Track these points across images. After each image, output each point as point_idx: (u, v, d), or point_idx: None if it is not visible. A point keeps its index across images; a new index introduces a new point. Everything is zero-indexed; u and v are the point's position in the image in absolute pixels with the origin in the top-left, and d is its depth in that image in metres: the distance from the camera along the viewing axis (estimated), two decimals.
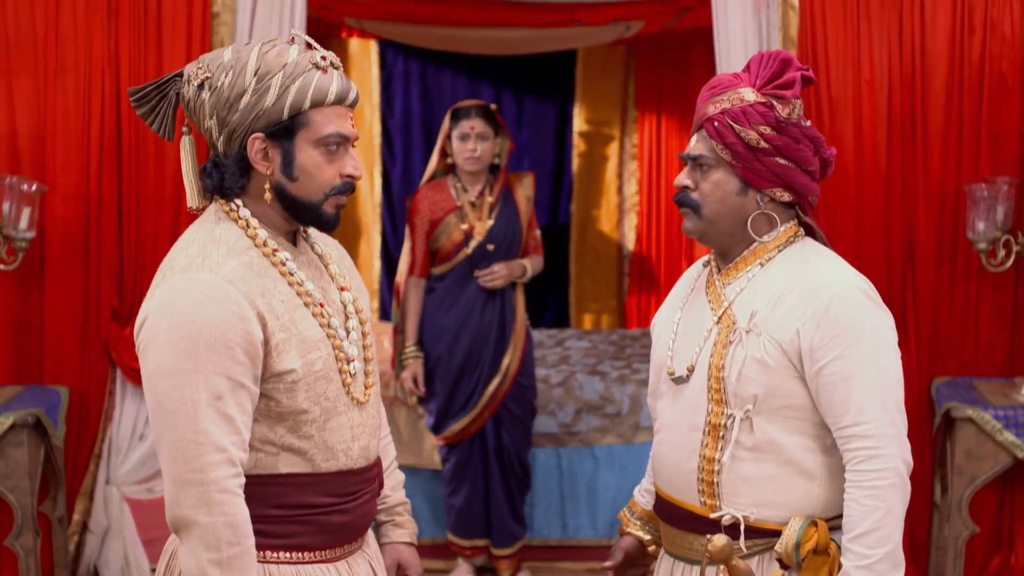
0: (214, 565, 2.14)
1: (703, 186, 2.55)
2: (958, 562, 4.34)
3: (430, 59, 8.07)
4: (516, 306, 5.14)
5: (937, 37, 4.43)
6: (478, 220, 5.04)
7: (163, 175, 4.47)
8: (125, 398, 4.64)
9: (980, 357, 4.58)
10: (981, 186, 4.34)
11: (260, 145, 2.25)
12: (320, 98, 2.24)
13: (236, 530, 2.16)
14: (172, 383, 2.14)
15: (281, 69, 2.22)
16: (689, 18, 6.38)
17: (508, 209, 5.12)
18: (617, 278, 8.27)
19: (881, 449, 2.40)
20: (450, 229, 5.03)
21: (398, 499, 2.68)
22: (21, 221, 4.32)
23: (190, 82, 2.26)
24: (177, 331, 2.14)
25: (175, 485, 2.15)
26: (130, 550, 4.72)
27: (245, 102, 2.22)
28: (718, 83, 2.56)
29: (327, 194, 2.29)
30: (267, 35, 4.36)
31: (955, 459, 4.30)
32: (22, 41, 4.44)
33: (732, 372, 2.48)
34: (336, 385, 2.32)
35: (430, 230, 5.06)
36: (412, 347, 5.09)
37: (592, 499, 5.57)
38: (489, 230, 5.03)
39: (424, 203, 5.07)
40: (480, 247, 5.03)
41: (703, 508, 2.54)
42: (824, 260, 2.54)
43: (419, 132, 8.20)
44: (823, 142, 2.55)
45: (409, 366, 5.08)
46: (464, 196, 5.07)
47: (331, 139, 2.26)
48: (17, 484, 4.22)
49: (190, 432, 2.13)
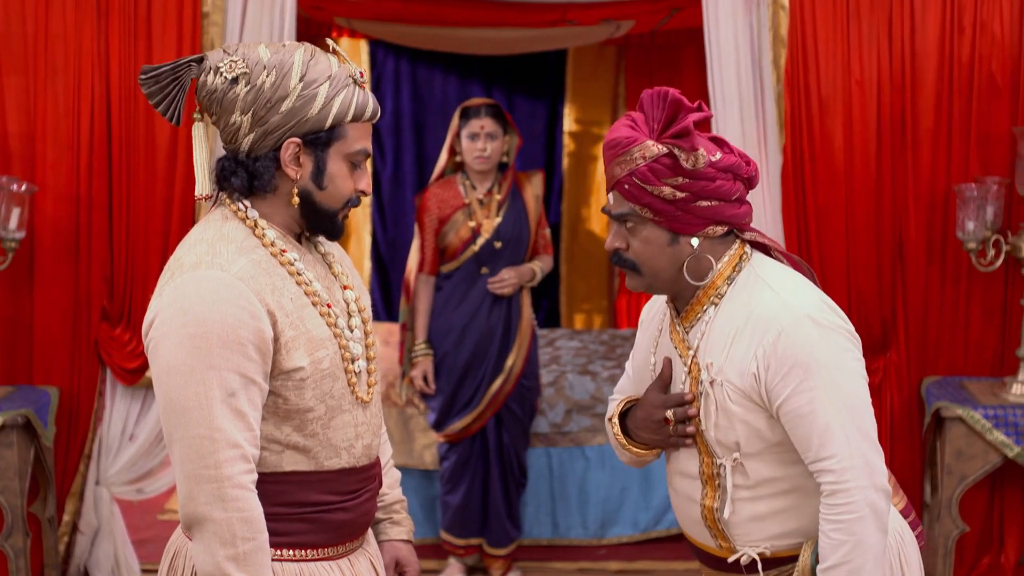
0: (230, 561, 2.16)
1: (634, 245, 2.47)
2: (948, 561, 4.35)
3: (420, 59, 8.07)
4: (522, 307, 5.14)
5: (927, 37, 4.43)
6: (486, 218, 5.04)
7: (153, 175, 4.46)
8: (115, 398, 4.63)
9: (970, 357, 4.59)
10: (971, 186, 4.34)
11: (295, 150, 2.27)
12: (360, 113, 2.29)
13: (251, 525, 2.18)
14: (185, 380, 2.15)
15: (328, 80, 2.25)
16: (679, 18, 6.39)
17: (516, 207, 5.12)
18: (607, 278, 8.28)
19: (847, 483, 2.34)
20: (458, 226, 5.03)
21: (395, 497, 2.69)
22: (11, 221, 4.31)
23: (219, 73, 2.26)
24: (189, 328, 2.16)
25: (189, 482, 2.16)
26: (120, 550, 4.71)
27: (288, 106, 2.24)
28: (617, 142, 2.43)
29: (344, 205, 2.34)
30: (257, 35, 4.39)
31: (945, 458, 4.31)
32: (12, 41, 4.42)
33: (708, 425, 2.45)
34: (342, 384, 2.34)
35: (438, 227, 5.05)
36: (422, 344, 5.09)
37: (583, 499, 5.57)
38: (497, 227, 5.04)
39: (432, 201, 5.07)
40: (487, 244, 5.04)
41: (720, 550, 2.54)
42: (768, 288, 2.44)
43: (410, 132, 8.20)
44: (741, 165, 2.45)
45: (419, 363, 5.08)
46: (472, 193, 5.06)
47: (359, 155, 2.32)
48: (7, 485, 4.21)
49: (204, 429, 2.15)
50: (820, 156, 4.44)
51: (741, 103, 4.51)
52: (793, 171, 4.46)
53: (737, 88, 4.50)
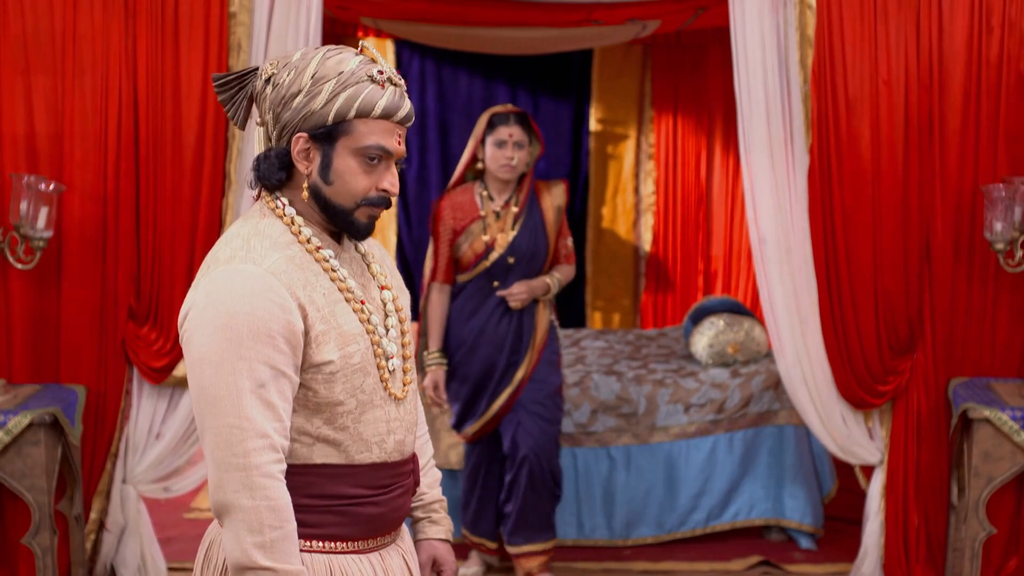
0: (257, 548, 2.18)
1: None
2: (975, 563, 4.33)
3: (446, 59, 8.09)
4: (537, 319, 5.02)
5: (955, 37, 4.42)
6: (500, 231, 4.93)
7: (180, 174, 4.48)
8: (142, 397, 4.65)
9: (997, 358, 4.57)
10: (999, 186, 4.32)
11: (304, 145, 2.32)
12: (366, 109, 2.30)
13: (278, 514, 2.20)
14: (216, 371, 2.19)
15: (336, 76, 2.30)
16: (705, 17, 6.38)
17: (533, 220, 4.99)
18: (633, 278, 8.27)
19: None
20: (472, 239, 4.93)
21: (434, 496, 2.72)
22: (39, 221, 4.33)
23: (261, 76, 2.36)
24: (221, 320, 2.19)
25: (219, 470, 2.20)
26: (147, 549, 4.73)
27: (297, 102, 2.30)
28: None
29: (358, 203, 2.35)
30: (284, 35, 4.41)
31: (972, 460, 4.29)
32: (40, 41, 4.45)
33: None
34: (373, 379, 2.37)
35: (452, 238, 4.97)
36: (436, 353, 5.02)
37: (608, 499, 5.57)
38: (511, 242, 4.92)
39: (447, 211, 4.97)
40: (500, 260, 4.93)
41: None
42: None
43: (435, 132, 8.21)
44: None
45: (431, 372, 5.02)
46: (489, 205, 4.95)
47: (371, 151, 2.32)
48: (34, 483, 4.23)
49: (233, 418, 2.18)
50: (847, 156, 4.43)
51: (768, 103, 4.50)
52: (820, 171, 4.44)
53: (764, 88, 4.49)
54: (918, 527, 4.65)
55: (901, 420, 4.62)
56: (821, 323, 4.56)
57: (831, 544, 5.53)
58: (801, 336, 4.61)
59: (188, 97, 4.44)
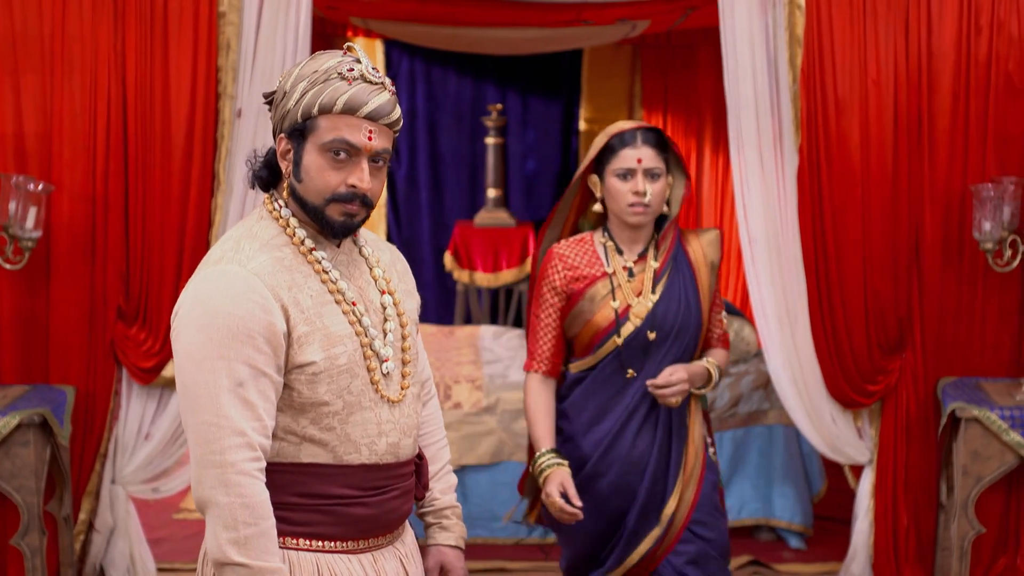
0: (232, 544, 2.22)
1: None
2: (964, 562, 4.34)
3: (435, 59, 8.09)
4: (691, 424, 3.63)
5: (944, 37, 4.42)
6: (636, 295, 3.56)
7: (169, 174, 4.47)
8: (131, 398, 4.64)
9: (986, 357, 4.58)
10: (988, 186, 4.33)
11: (285, 146, 2.38)
12: (328, 105, 2.31)
13: (253, 511, 2.23)
14: (197, 368, 2.24)
15: (310, 75, 2.33)
16: (695, 17, 6.39)
17: (681, 280, 3.60)
18: None
19: None
20: (595, 307, 3.55)
21: (447, 502, 2.73)
22: (27, 221, 4.32)
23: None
24: (204, 319, 2.24)
25: (198, 466, 2.24)
26: (136, 549, 4.72)
27: (281, 105, 2.36)
28: None
29: (327, 199, 2.35)
30: (273, 35, 4.40)
31: (961, 459, 4.30)
32: (29, 40, 4.44)
33: None
34: (362, 381, 2.39)
35: (565, 307, 3.59)
36: (549, 454, 3.50)
37: None
38: (652, 311, 3.54)
39: (557, 268, 3.60)
40: (638, 335, 3.53)
41: None
42: None
43: (424, 132, 8.22)
44: None
45: (550, 477, 3.45)
46: (617, 260, 3.59)
47: (334, 145, 2.32)
48: (23, 483, 4.23)
49: (211, 415, 2.22)
50: (836, 156, 4.44)
51: (757, 103, 4.50)
52: (809, 171, 4.45)
53: (753, 88, 4.50)
54: (907, 526, 4.66)
55: (890, 420, 4.63)
56: (811, 323, 4.57)
57: (820, 544, 5.53)
58: (791, 336, 4.62)
59: (177, 97, 4.43)
